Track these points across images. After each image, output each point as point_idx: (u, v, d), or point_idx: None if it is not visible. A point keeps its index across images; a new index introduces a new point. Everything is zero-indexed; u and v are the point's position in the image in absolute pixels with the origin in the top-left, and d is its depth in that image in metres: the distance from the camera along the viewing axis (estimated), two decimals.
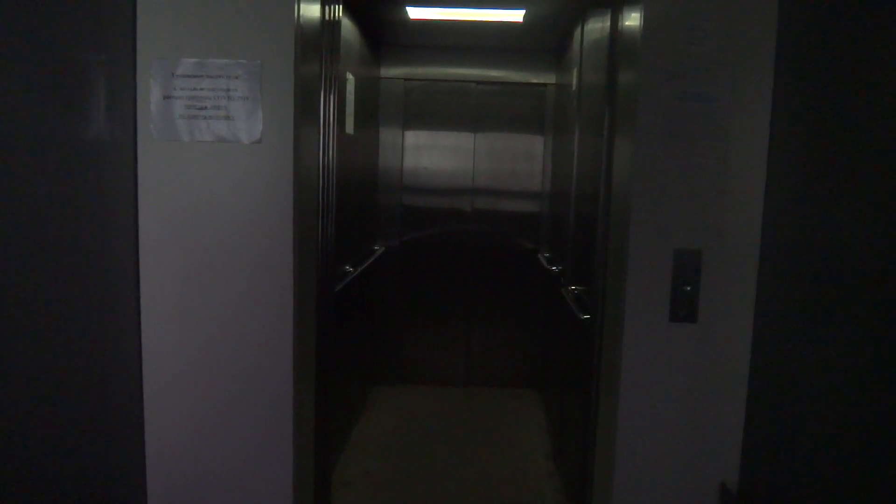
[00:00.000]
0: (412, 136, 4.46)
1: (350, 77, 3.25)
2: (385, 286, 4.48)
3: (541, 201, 4.45)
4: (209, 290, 1.94)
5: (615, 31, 2.21)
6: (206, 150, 1.90)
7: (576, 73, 3.19)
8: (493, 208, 4.51)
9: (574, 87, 3.25)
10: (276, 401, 1.98)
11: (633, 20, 2.00)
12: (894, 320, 1.39)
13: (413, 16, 3.58)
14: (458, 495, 3.09)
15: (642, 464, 2.02)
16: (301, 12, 1.92)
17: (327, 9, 2.22)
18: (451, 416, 4.10)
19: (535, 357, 4.50)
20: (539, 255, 4.32)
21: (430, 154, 4.48)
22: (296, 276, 1.95)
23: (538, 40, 4.13)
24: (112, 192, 1.91)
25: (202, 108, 1.88)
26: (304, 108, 2.00)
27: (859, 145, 1.55)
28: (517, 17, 3.51)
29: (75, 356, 1.91)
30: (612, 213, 2.17)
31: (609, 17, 2.26)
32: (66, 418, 1.91)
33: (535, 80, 4.39)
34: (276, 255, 1.93)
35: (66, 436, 1.91)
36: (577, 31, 3.19)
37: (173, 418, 1.99)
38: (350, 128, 3.30)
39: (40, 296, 1.83)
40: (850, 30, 1.61)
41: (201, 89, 1.87)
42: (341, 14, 2.41)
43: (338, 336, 2.77)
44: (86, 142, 1.88)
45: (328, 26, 2.24)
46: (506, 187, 4.49)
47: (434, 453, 3.53)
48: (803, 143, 1.78)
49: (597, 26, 2.61)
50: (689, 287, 1.93)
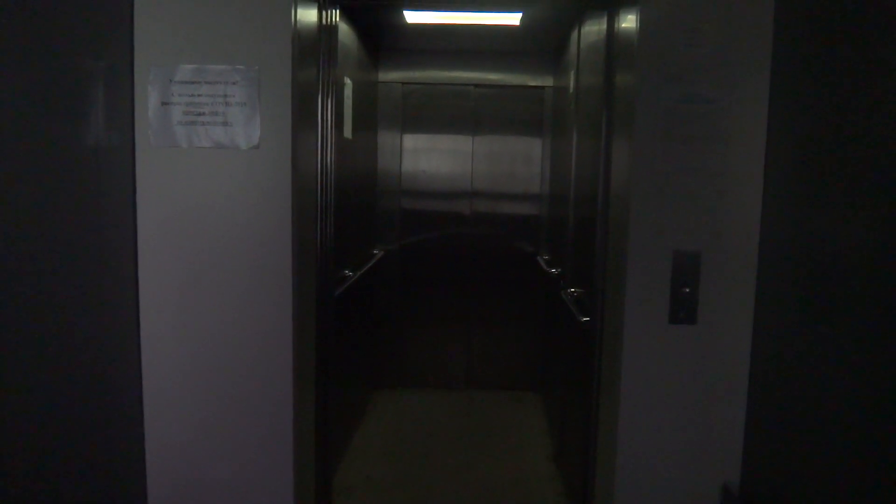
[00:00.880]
0: (410, 140, 4.46)
1: (348, 81, 3.25)
2: (384, 290, 4.48)
3: (540, 204, 4.44)
4: (208, 295, 1.94)
5: (612, 34, 2.21)
6: (205, 156, 1.90)
7: (573, 75, 3.19)
8: (492, 211, 4.50)
9: (572, 90, 3.25)
10: (276, 406, 1.97)
11: (629, 22, 2.00)
12: (893, 320, 1.39)
13: (410, 20, 3.58)
14: (459, 499, 3.09)
15: (644, 466, 2.01)
16: (298, 17, 1.92)
17: (324, 14, 2.23)
18: (451, 419, 4.09)
19: (535, 359, 4.50)
20: (538, 257, 4.31)
21: (428, 157, 4.48)
22: (295, 281, 1.95)
23: (536, 43, 4.14)
24: (110, 198, 1.91)
25: (200, 114, 1.88)
26: (302, 113, 2.00)
27: (857, 146, 1.55)
28: (514, 20, 3.52)
29: (75, 362, 1.91)
30: (610, 215, 2.17)
31: (606, 19, 2.26)
32: (67, 423, 1.91)
33: (532, 83, 4.39)
34: (276, 261, 1.93)
35: (66, 441, 1.91)
36: (575, 34, 3.19)
37: (173, 423, 1.99)
38: (348, 132, 3.30)
39: (39, 301, 1.83)
40: (846, 31, 1.61)
41: (199, 95, 1.87)
42: (338, 19, 2.42)
43: (338, 340, 2.76)
44: (84, 148, 1.89)
45: (325, 31, 2.24)
46: (504, 190, 4.49)
47: (435, 457, 3.52)
48: (801, 145, 1.79)
49: (594, 29, 2.62)
50: (688, 289, 1.93)
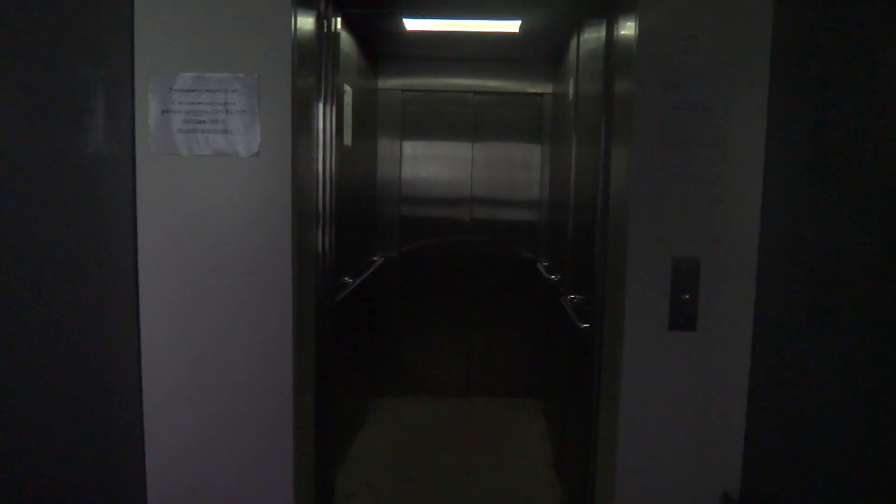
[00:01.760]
0: (410, 147, 4.47)
1: (347, 89, 3.26)
2: (384, 297, 4.48)
3: (539, 210, 4.45)
4: (208, 302, 1.94)
5: (611, 41, 2.22)
6: (205, 164, 1.91)
7: (572, 82, 3.20)
8: (492, 218, 4.51)
9: (571, 97, 3.26)
10: (276, 413, 1.97)
11: (628, 30, 2.01)
12: (893, 326, 1.39)
13: (410, 27, 3.59)
14: None
15: (644, 473, 2.01)
16: (298, 26, 1.93)
17: (324, 22, 2.24)
18: (451, 426, 4.08)
19: (535, 366, 4.49)
20: (538, 263, 4.32)
21: (428, 164, 4.49)
22: (295, 288, 1.95)
23: (535, 50, 4.15)
24: (111, 206, 1.92)
25: (200, 122, 1.89)
26: (302, 121, 2.01)
27: (855, 152, 1.55)
28: (514, 27, 3.53)
29: (75, 369, 1.91)
30: (610, 221, 2.18)
31: (605, 26, 2.27)
32: (68, 431, 1.91)
33: (532, 90, 4.40)
34: (275, 268, 1.93)
35: (67, 448, 1.91)
36: (574, 41, 3.21)
37: (173, 431, 1.98)
38: (348, 139, 3.31)
39: (40, 309, 1.83)
40: (845, 37, 1.62)
41: (199, 103, 1.88)
42: (338, 27, 2.43)
43: (337, 347, 2.76)
44: (85, 157, 1.89)
45: (325, 39, 2.25)
46: (504, 197, 4.49)
47: (435, 464, 3.52)
48: (799, 151, 1.79)
49: (592, 36, 2.63)
50: (687, 295, 1.93)
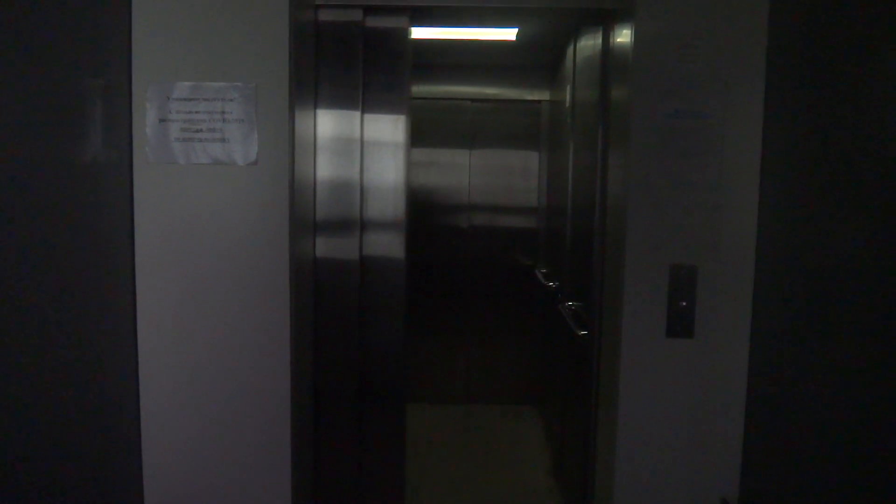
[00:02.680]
0: None
1: None
2: None
3: (537, 217, 4.45)
4: (206, 310, 1.94)
5: (607, 49, 2.23)
6: (202, 173, 1.91)
7: (569, 89, 3.22)
8: (490, 225, 4.51)
9: (568, 104, 3.27)
10: (273, 419, 1.97)
11: (624, 38, 2.02)
12: (891, 332, 1.40)
13: None
14: None
15: (642, 479, 2.01)
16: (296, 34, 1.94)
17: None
18: (450, 433, 4.07)
19: (533, 373, 4.49)
20: (536, 270, 4.32)
21: (425, 171, 4.50)
22: (292, 296, 1.95)
23: (532, 58, 4.17)
24: (108, 214, 1.92)
25: (198, 131, 1.89)
26: (300, 129, 2.01)
27: (851, 159, 1.56)
28: (510, 35, 3.54)
29: (72, 374, 1.90)
30: (607, 228, 2.18)
31: (601, 34, 2.28)
32: (64, 434, 1.90)
33: (529, 97, 4.41)
34: (273, 276, 1.93)
35: (63, 452, 1.90)
36: (570, 49, 3.22)
37: (170, 436, 1.98)
38: None
39: (37, 315, 1.83)
40: (841, 44, 1.63)
41: (197, 112, 1.88)
42: None
43: None
44: (82, 166, 1.89)
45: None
46: (502, 204, 4.50)
47: (434, 471, 3.51)
48: (796, 158, 1.80)
49: (589, 44, 2.64)
50: (685, 302, 1.93)
